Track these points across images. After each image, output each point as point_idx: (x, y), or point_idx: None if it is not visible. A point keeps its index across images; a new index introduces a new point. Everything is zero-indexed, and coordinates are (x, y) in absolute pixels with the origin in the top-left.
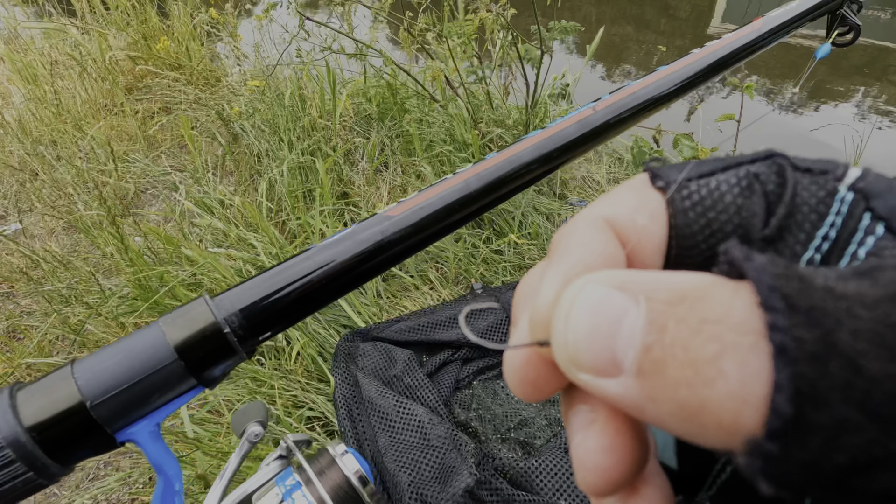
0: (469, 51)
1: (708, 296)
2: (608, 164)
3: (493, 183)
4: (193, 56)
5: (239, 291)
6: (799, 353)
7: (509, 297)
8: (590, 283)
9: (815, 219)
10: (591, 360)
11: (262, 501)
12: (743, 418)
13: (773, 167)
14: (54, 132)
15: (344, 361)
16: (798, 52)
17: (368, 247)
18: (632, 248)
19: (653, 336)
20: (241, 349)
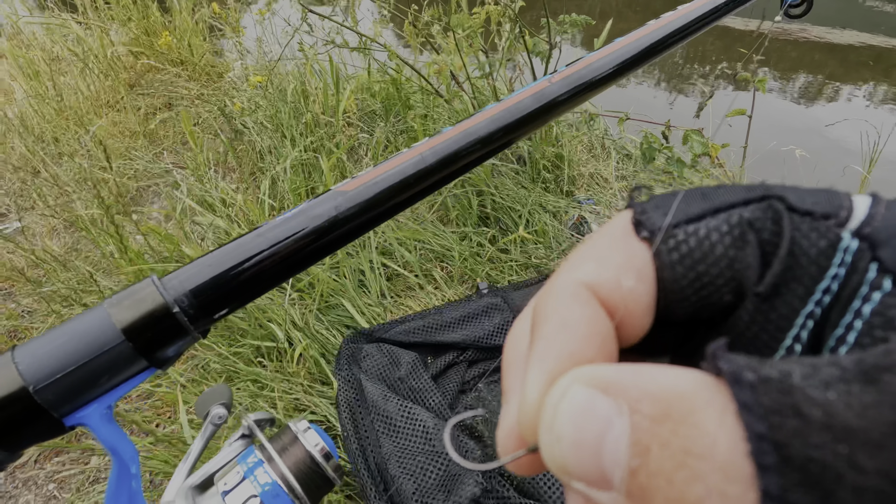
0: (475, 44)
1: (693, 418)
2: (616, 160)
3: (449, 156)
4: (195, 51)
5: (189, 271)
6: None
7: (515, 297)
8: (573, 386)
9: (816, 271)
10: (580, 472)
11: (224, 480)
12: None
13: (769, 212)
14: (56, 129)
15: (347, 363)
16: (806, 47)
17: (322, 223)
18: (621, 316)
19: (637, 460)
20: (193, 329)
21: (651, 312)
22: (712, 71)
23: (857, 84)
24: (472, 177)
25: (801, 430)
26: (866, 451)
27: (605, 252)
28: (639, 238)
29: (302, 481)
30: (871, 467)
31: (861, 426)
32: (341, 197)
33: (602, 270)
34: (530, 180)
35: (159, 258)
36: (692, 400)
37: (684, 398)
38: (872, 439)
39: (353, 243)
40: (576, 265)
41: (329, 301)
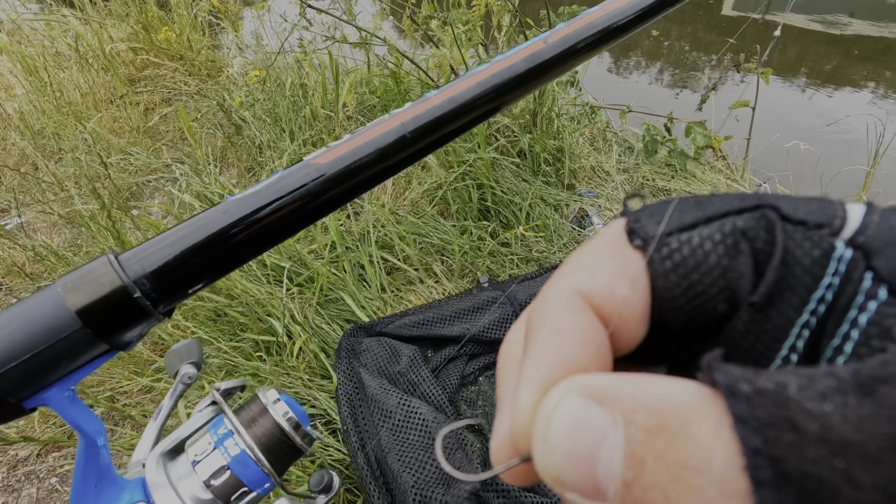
0: (475, 38)
1: (688, 430)
2: (618, 153)
3: (432, 123)
4: (194, 46)
5: (149, 248)
6: None
7: (516, 290)
8: (567, 396)
9: (810, 281)
10: (574, 484)
11: (194, 447)
12: None
13: (762, 221)
14: (56, 124)
15: (347, 357)
16: (812, 38)
17: (293, 197)
18: (615, 324)
19: (632, 472)
20: (156, 312)
21: (645, 321)
22: (718, 63)
23: (863, 76)
24: (473, 170)
25: (797, 445)
26: (863, 466)
27: (599, 260)
28: (632, 246)
29: (271, 451)
30: (868, 482)
31: (857, 440)
32: (313, 169)
33: (596, 279)
34: (531, 173)
35: None
36: (688, 412)
37: (680, 410)
38: (869, 453)
39: (354, 237)
40: (569, 273)
41: (329, 295)
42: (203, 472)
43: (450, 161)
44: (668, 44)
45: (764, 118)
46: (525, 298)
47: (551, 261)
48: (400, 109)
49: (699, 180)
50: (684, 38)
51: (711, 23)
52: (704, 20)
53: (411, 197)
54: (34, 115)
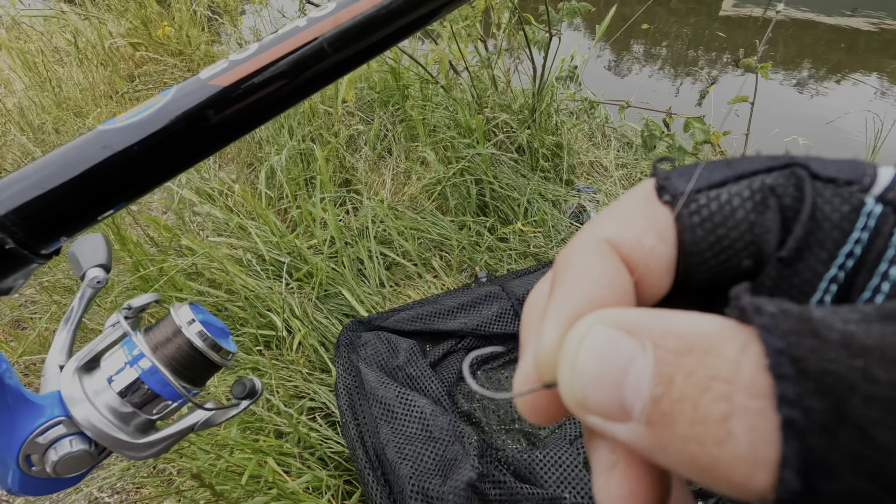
0: (474, 34)
1: (716, 350)
2: (617, 149)
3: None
4: (193, 42)
5: (12, 184)
6: (808, 424)
7: (514, 285)
8: (596, 325)
9: (839, 235)
10: (599, 406)
11: (108, 363)
12: (754, 480)
13: (791, 178)
14: (56, 120)
15: (346, 351)
16: (813, 32)
17: (185, 126)
18: (640, 273)
19: (661, 388)
20: (32, 255)
21: (670, 273)
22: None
23: (863, 71)
24: (472, 166)
25: (817, 348)
26: (881, 366)
27: (628, 213)
28: (661, 202)
29: (187, 367)
30: (885, 379)
31: (877, 346)
32: (211, 90)
33: (624, 229)
34: (529, 169)
35: (158, 249)
36: (716, 336)
37: (708, 335)
38: (888, 357)
39: (353, 233)
40: (598, 224)
41: (328, 290)
42: (118, 387)
43: (448, 157)
44: (667, 41)
45: (763, 113)
46: (523, 293)
47: (549, 256)
48: (320, 13)
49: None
50: (683, 36)
51: (710, 20)
52: (704, 17)
53: (410, 192)
54: (34, 110)
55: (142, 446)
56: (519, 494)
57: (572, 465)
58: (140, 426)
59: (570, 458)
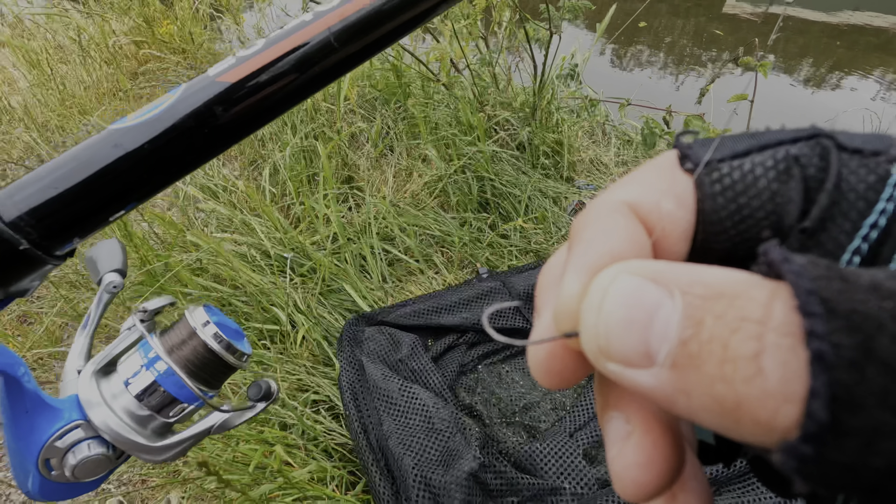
0: (475, 32)
1: (746, 295)
2: (616, 146)
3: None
4: (196, 40)
5: (26, 187)
6: (836, 359)
7: (515, 281)
8: (622, 273)
9: (864, 206)
10: (622, 351)
11: (125, 367)
12: (781, 417)
13: (817, 149)
14: (60, 118)
15: (349, 345)
16: (818, 28)
17: (194, 124)
18: (657, 235)
19: (689, 331)
20: (48, 257)
21: (687, 239)
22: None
23: (864, 69)
24: (473, 163)
25: (846, 290)
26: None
27: (649, 178)
28: (683, 170)
29: (203, 370)
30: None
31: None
32: (219, 87)
33: (644, 192)
34: (530, 166)
35: (164, 245)
36: (745, 284)
37: (737, 282)
38: None
39: (356, 229)
40: (618, 187)
41: (331, 285)
42: (135, 390)
43: (450, 154)
44: (668, 39)
45: (762, 111)
46: (524, 289)
47: (550, 252)
48: (326, 7)
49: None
50: (685, 33)
51: (711, 18)
52: (705, 16)
53: (412, 189)
54: (38, 108)
55: (159, 449)
56: (519, 484)
57: (572, 457)
58: (157, 429)
59: (570, 449)
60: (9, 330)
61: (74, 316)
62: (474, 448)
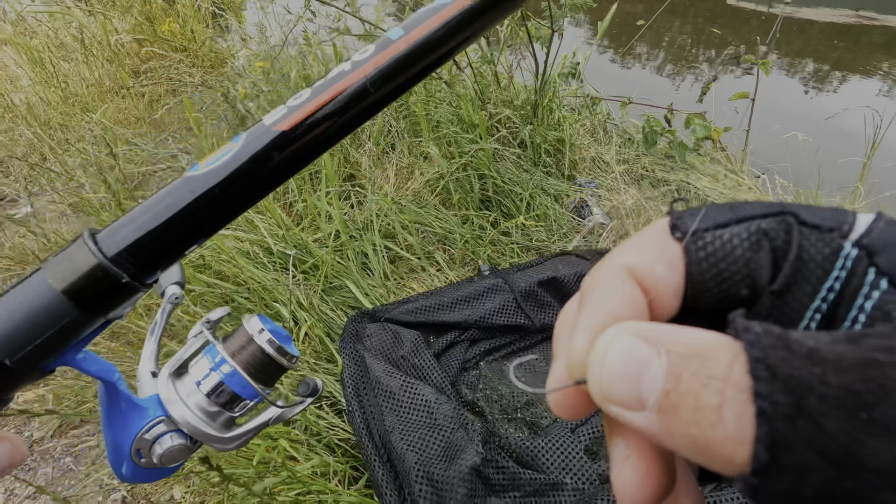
0: None
1: (715, 356)
2: (618, 144)
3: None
4: (198, 38)
5: (125, 225)
6: (775, 413)
7: (516, 278)
8: (620, 334)
9: (821, 274)
10: (620, 397)
11: (195, 370)
12: (737, 455)
13: (783, 224)
14: (62, 115)
15: (351, 342)
16: (818, 27)
17: (256, 168)
18: (652, 295)
19: (671, 384)
20: (139, 284)
21: (678, 297)
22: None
23: (864, 68)
24: (475, 161)
25: (787, 357)
26: (834, 373)
27: (644, 245)
28: (673, 238)
29: (260, 370)
30: (836, 383)
31: (834, 358)
32: (276, 135)
33: (640, 258)
34: (532, 164)
35: None
36: (714, 346)
37: (709, 345)
38: (841, 367)
39: (358, 226)
40: (619, 253)
41: (333, 282)
42: (205, 389)
43: (452, 152)
44: (669, 36)
45: (763, 110)
46: (525, 286)
47: (551, 250)
48: (362, 57)
49: (698, 171)
50: (686, 31)
51: (715, 13)
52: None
53: (414, 187)
54: (40, 105)
55: (228, 440)
56: (521, 479)
57: (573, 452)
58: (225, 422)
59: (571, 445)
60: None
61: None
62: (476, 443)
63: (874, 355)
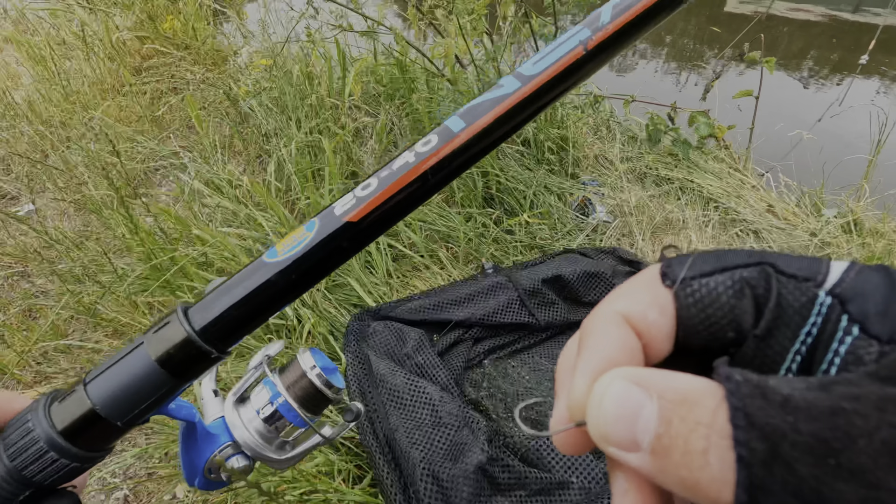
0: (479, 27)
1: (702, 403)
2: (621, 142)
3: (455, 162)
4: (199, 35)
5: (210, 304)
6: (752, 459)
7: (520, 276)
8: (616, 379)
9: (799, 320)
10: (617, 439)
11: (256, 399)
12: (723, 496)
13: (763, 274)
14: (63, 113)
15: (355, 340)
16: (820, 28)
17: (326, 253)
18: (646, 339)
19: (662, 428)
20: (220, 353)
21: (670, 340)
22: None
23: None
24: None
25: (763, 407)
26: (805, 421)
27: (637, 292)
28: (664, 285)
29: (310, 401)
30: (806, 430)
31: (805, 406)
32: (346, 225)
33: (633, 305)
34: (535, 162)
35: (169, 239)
36: (701, 392)
37: (697, 391)
38: (811, 414)
39: None
40: (613, 300)
41: (336, 280)
42: (263, 416)
43: None
44: (671, 37)
45: (767, 108)
46: (529, 284)
47: (554, 248)
48: (426, 149)
49: (702, 169)
50: (688, 32)
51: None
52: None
53: None
54: (42, 103)
55: (283, 461)
56: (527, 478)
57: None
58: (279, 445)
59: None
60: (15, 324)
61: (80, 310)
62: (482, 442)
63: (841, 403)
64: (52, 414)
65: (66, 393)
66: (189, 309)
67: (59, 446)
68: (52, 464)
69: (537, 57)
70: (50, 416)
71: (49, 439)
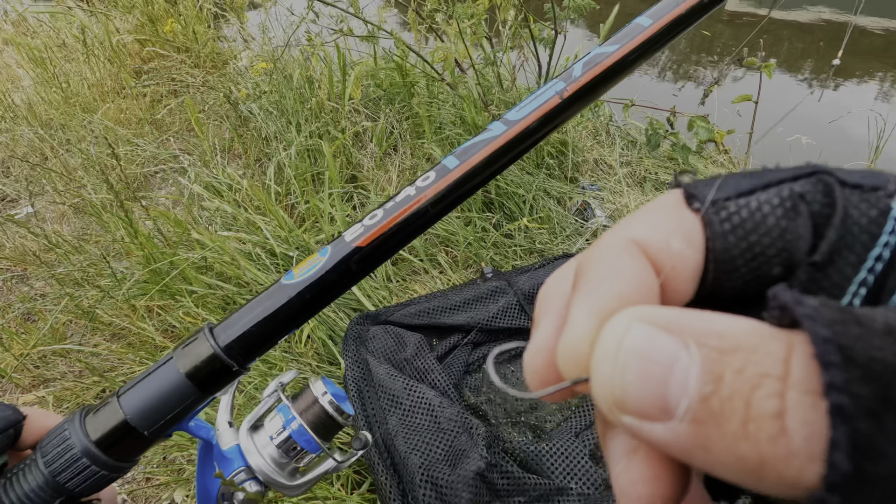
0: (479, 32)
1: (763, 349)
2: (621, 147)
3: (452, 195)
4: (199, 38)
5: (233, 323)
6: (856, 409)
7: (519, 281)
8: (635, 321)
9: (867, 239)
10: (639, 405)
11: (270, 426)
12: (806, 474)
13: (819, 185)
14: (63, 115)
15: (354, 344)
16: (822, 29)
17: (337, 276)
18: (666, 276)
19: (710, 386)
20: (242, 368)
21: (695, 279)
22: (720, 59)
23: (867, 72)
24: None
25: (862, 335)
26: None
27: (656, 217)
28: (690, 209)
29: (321, 427)
30: None
31: None
32: (354, 250)
33: (652, 231)
34: (535, 166)
35: (168, 243)
36: (759, 336)
37: (751, 334)
38: None
39: None
40: (626, 225)
41: None
42: (277, 442)
43: None
44: None
45: (766, 112)
46: (529, 289)
47: (554, 252)
48: (425, 183)
49: (701, 174)
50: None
51: (714, 17)
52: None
53: None
54: (41, 105)
55: (294, 487)
56: (526, 484)
57: (578, 457)
58: (291, 471)
59: (576, 450)
60: (13, 328)
61: (78, 314)
62: (481, 447)
63: None
64: (87, 423)
65: (100, 405)
66: (215, 328)
67: (91, 454)
68: (83, 471)
69: (520, 105)
70: (85, 425)
71: (83, 447)
